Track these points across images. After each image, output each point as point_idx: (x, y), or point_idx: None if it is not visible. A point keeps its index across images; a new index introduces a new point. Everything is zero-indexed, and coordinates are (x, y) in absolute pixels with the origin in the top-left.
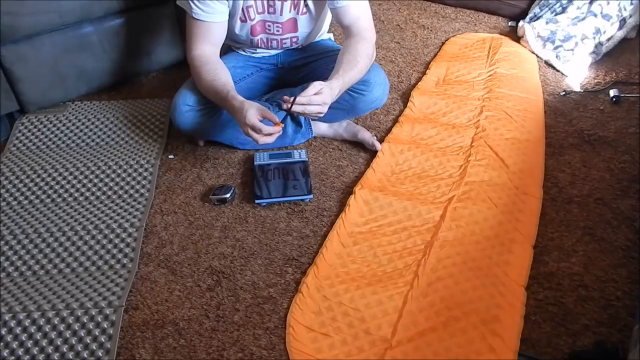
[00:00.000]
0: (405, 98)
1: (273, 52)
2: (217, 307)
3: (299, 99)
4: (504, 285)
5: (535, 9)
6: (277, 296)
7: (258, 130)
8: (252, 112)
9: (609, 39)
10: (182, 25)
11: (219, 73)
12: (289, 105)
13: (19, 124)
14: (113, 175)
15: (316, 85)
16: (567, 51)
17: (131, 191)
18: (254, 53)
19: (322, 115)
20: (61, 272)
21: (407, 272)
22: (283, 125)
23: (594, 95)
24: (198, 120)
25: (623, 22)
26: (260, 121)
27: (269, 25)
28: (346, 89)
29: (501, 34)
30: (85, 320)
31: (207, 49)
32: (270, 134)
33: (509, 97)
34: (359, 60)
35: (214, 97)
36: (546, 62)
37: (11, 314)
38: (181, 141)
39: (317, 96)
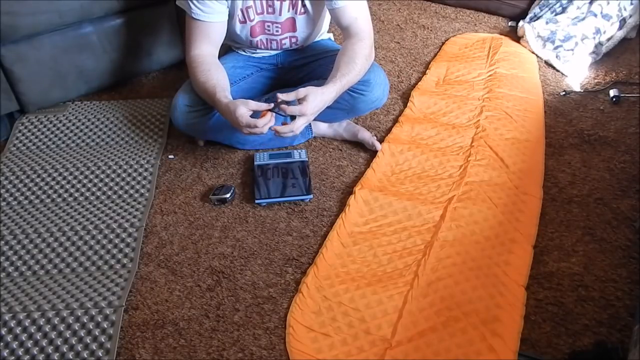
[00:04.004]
0: (405, 98)
1: (273, 52)
2: (217, 307)
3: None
4: (504, 285)
5: (535, 9)
6: (277, 296)
7: (254, 127)
8: (241, 112)
9: (609, 39)
10: (182, 25)
11: (211, 74)
12: (276, 106)
13: (19, 124)
14: (113, 175)
15: (300, 92)
16: (567, 51)
17: (131, 191)
18: (254, 53)
19: (305, 123)
20: (61, 272)
21: (407, 272)
22: (270, 107)
23: (594, 95)
24: (198, 120)
25: (623, 22)
26: (252, 115)
27: (268, 26)
28: (344, 91)
29: (501, 34)
30: (85, 320)
31: (206, 49)
32: (267, 123)
33: (509, 97)
34: (357, 62)
35: (206, 98)
36: (546, 62)
37: (11, 314)
38: (181, 141)
39: (297, 107)
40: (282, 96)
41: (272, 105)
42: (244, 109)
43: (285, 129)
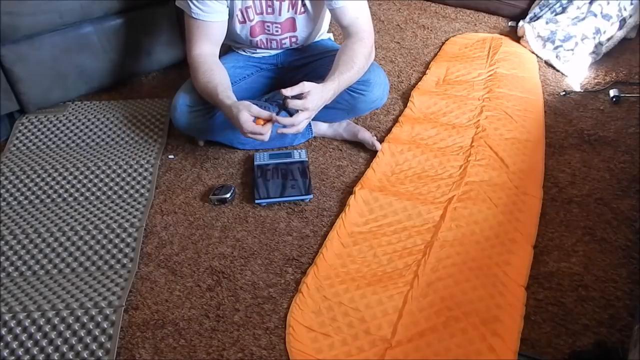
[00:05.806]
0: (405, 98)
1: (273, 52)
2: (217, 307)
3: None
4: (504, 285)
5: (535, 9)
6: (277, 296)
7: (259, 135)
8: (244, 117)
9: (609, 39)
10: (182, 25)
11: (214, 75)
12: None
13: (19, 124)
14: (113, 175)
15: (305, 86)
16: (567, 51)
17: (131, 191)
18: (254, 53)
19: (307, 118)
20: (61, 272)
21: (407, 272)
22: (271, 116)
23: (594, 95)
24: (198, 120)
25: (623, 22)
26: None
27: (268, 26)
28: (342, 90)
29: (501, 34)
30: (85, 320)
31: (207, 49)
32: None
33: (509, 97)
34: (356, 61)
35: (208, 99)
36: (546, 62)
37: (11, 314)
38: (181, 141)
39: (300, 101)
40: (285, 92)
41: (273, 114)
42: (247, 115)
43: (287, 121)
